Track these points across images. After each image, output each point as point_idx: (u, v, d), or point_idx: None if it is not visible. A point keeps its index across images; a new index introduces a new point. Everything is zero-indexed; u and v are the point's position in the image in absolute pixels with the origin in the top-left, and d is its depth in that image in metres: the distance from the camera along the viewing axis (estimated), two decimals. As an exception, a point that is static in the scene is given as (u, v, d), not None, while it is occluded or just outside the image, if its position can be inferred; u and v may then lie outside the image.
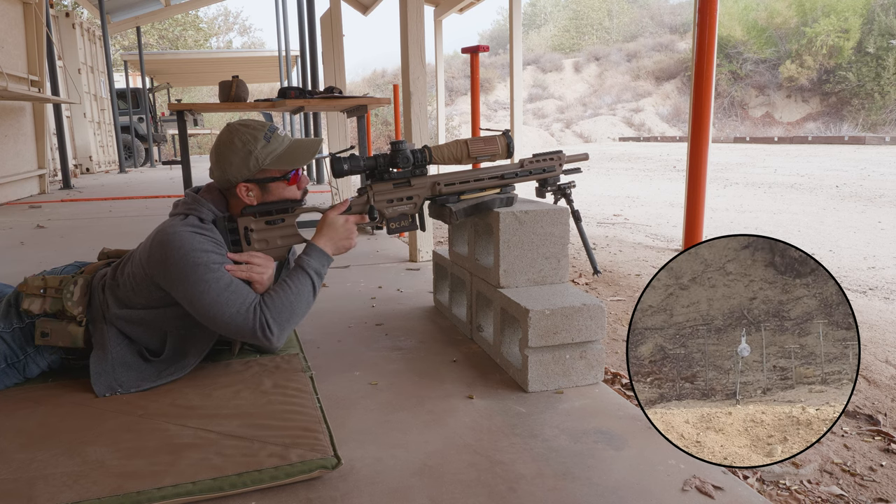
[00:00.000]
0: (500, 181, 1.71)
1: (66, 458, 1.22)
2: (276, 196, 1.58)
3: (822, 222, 5.18)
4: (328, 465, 1.18)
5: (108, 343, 1.54)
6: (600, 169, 11.59)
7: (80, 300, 1.56)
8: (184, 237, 1.46)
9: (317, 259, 1.55)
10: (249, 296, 1.48)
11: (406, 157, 1.61)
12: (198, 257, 1.45)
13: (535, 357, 1.54)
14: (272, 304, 1.47)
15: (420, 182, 1.66)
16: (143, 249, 1.54)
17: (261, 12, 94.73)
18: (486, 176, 1.71)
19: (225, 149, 1.53)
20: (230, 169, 1.53)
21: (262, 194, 1.57)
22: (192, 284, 1.44)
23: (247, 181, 1.54)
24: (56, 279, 1.59)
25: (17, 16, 6.84)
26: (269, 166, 1.54)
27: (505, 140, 1.69)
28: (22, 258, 3.48)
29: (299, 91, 3.72)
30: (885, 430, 1.63)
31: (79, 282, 1.58)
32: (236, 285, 1.47)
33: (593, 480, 1.17)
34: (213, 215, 1.56)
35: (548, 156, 1.72)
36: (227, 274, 1.48)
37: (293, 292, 1.50)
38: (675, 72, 27.40)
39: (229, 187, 1.57)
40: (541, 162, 1.71)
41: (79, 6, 15.45)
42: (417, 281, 2.76)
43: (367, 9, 9.04)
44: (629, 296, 2.91)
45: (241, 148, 1.52)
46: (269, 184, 1.56)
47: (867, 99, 21.46)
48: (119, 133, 11.69)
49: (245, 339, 1.49)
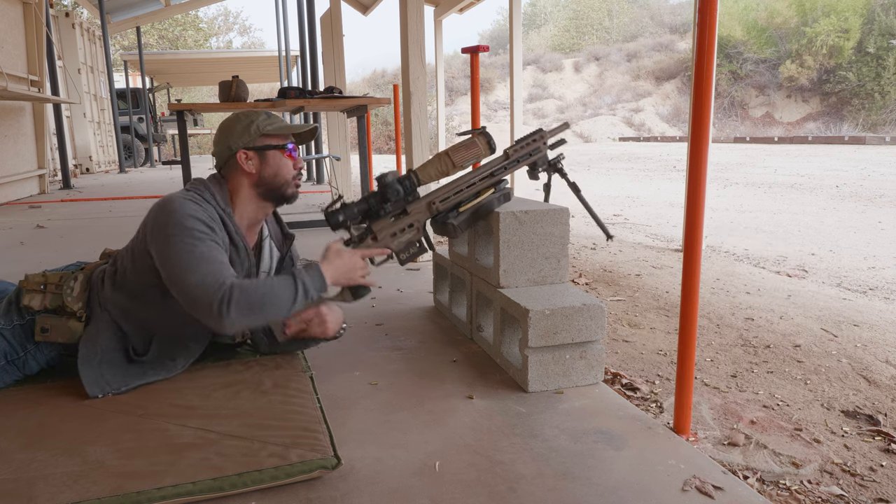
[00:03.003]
0: (492, 179, 1.69)
1: (66, 458, 1.22)
2: (274, 167, 1.57)
3: (822, 222, 5.18)
4: (328, 465, 1.18)
5: (100, 338, 1.54)
6: (600, 169, 11.58)
7: (80, 295, 1.57)
8: (180, 202, 1.48)
9: (312, 278, 1.49)
10: (224, 273, 1.43)
11: (395, 189, 1.61)
12: (186, 221, 1.45)
13: (535, 357, 1.54)
14: (242, 288, 1.40)
15: (416, 207, 1.64)
16: (144, 221, 1.55)
17: (261, 12, 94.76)
18: (476, 179, 1.69)
19: (229, 123, 1.60)
20: (232, 137, 1.57)
21: (261, 163, 1.57)
22: (171, 245, 1.43)
23: (247, 149, 1.56)
24: (56, 276, 1.60)
25: (17, 16, 6.84)
26: (269, 132, 1.58)
27: (484, 138, 1.67)
28: (22, 258, 3.47)
29: (299, 91, 3.72)
30: (885, 430, 1.63)
31: (79, 277, 1.59)
32: (213, 260, 1.43)
33: (593, 480, 1.17)
34: (213, 198, 1.55)
35: (529, 138, 1.70)
36: (210, 247, 1.45)
37: (269, 289, 1.43)
38: (675, 72, 27.41)
39: (230, 156, 1.57)
40: (524, 147, 1.70)
41: (79, 6, 15.45)
42: (417, 281, 2.76)
43: (367, 9, 9.03)
44: (629, 296, 2.91)
45: (243, 119, 1.58)
46: (267, 152, 1.57)
47: (867, 99, 21.46)
48: (119, 133, 11.68)
49: (200, 313, 1.41)
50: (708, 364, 2.08)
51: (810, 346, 2.22)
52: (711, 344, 2.26)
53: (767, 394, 1.85)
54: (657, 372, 2.01)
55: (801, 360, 2.10)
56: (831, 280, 3.32)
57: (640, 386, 1.88)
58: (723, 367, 2.05)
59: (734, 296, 2.90)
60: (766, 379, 1.95)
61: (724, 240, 4.49)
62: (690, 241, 1.35)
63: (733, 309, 2.68)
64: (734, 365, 2.07)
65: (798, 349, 2.20)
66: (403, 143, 3.50)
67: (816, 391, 1.87)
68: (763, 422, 1.66)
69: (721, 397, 1.82)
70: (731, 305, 2.73)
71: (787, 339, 2.31)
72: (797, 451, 1.52)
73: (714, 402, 1.78)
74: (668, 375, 1.98)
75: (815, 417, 1.71)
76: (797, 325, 2.46)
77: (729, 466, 1.42)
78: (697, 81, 1.30)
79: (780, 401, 1.80)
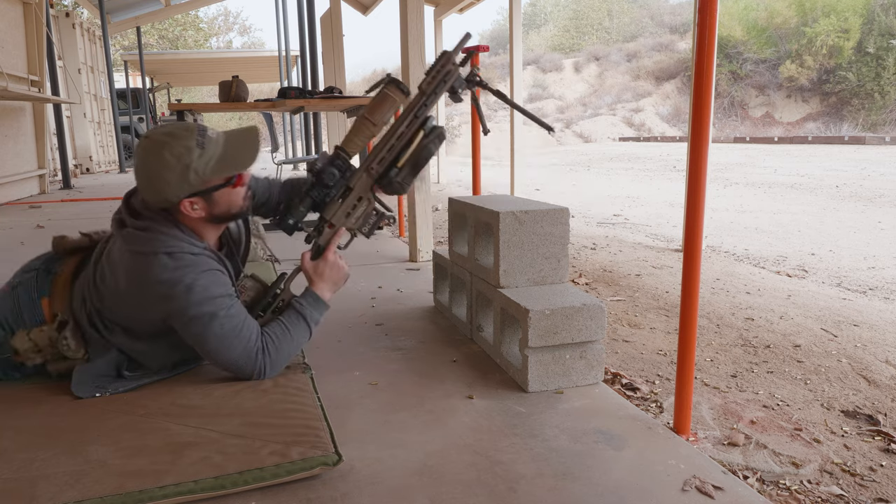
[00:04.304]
0: (417, 121, 1.59)
1: (67, 457, 1.22)
2: (224, 205, 1.47)
3: (822, 222, 5.18)
4: (329, 461, 1.18)
5: (93, 366, 1.52)
6: (600, 169, 11.59)
7: (78, 346, 1.51)
8: (193, 287, 1.40)
9: (316, 309, 1.61)
10: (252, 339, 1.48)
11: (330, 172, 1.58)
12: (205, 305, 1.41)
13: (535, 357, 1.55)
14: (273, 352, 1.52)
15: (357, 180, 1.61)
16: (132, 295, 1.44)
17: (261, 12, 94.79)
18: (402, 127, 1.59)
19: (156, 167, 1.38)
20: (168, 188, 1.39)
21: (209, 206, 1.45)
22: (203, 336, 1.44)
23: (189, 196, 1.42)
24: (43, 336, 1.52)
25: (17, 16, 6.84)
26: (211, 176, 1.41)
27: (394, 85, 1.59)
28: (22, 258, 3.47)
29: (299, 91, 3.72)
30: (885, 430, 1.63)
31: (67, 335, 1.50)
32: (244, 327, 1.47)
33: (593, 480, 1.18)
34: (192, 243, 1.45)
35: (437, 65, 1.60)
36: (234, 313, 1.45)
37: (292, 343, 1.56)
38: (675, 72, 27.39)
39: (169, 206, 1.44)
40: (435, 76, 1.60)
41: (79, 6, 15.45)
42: (417, 281, 2.76)
43: (367, 9, 9.04)
44: (629, 296, 2.91)
45: (175, 164, 1.37)
46: (213, 193, 1.44)
47: (867, 99, 21.45)
48: (119, 133, 11.68)
49: (241, 377, 1.54)
50: (708, 364, 2.08)
51: (810, 346, 2.23)
52: (711, 344, 2.27)
53: (767, 394, 1.85)
54: (657, 372, 2.01)
55: (801, 360, 2.10)
56: (831, 280, 3.32)
57: (640, 386, 1.88)
58: (723, 367, 2.05)
59: (734, 296, 2.90)
60: (766, 379, 1.96)
61: (724, 240, 4.49)
62: (690, 241, 1.35)
63: (733, 309, 2.68)
64: (734, 365, 2.07)
65: (798, 349, 2.20)
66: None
67: (816, 391, 1.87)
68: (763, 422, 1.67)
69: (721, 397, 1.82)
70: (731, 305, 2.74)
71: (787, 339, 2.31)
72: (797, 451, 1.52)
73: (714, 402, 1.78)
74: (668, 375, 1.98)
75: (815, 417, 1.71)
76: (797, 325, 2.46)
77: (729, 466, 1.43)
78: (697, 81, 1.30)
79: (780, 401, 1.80)
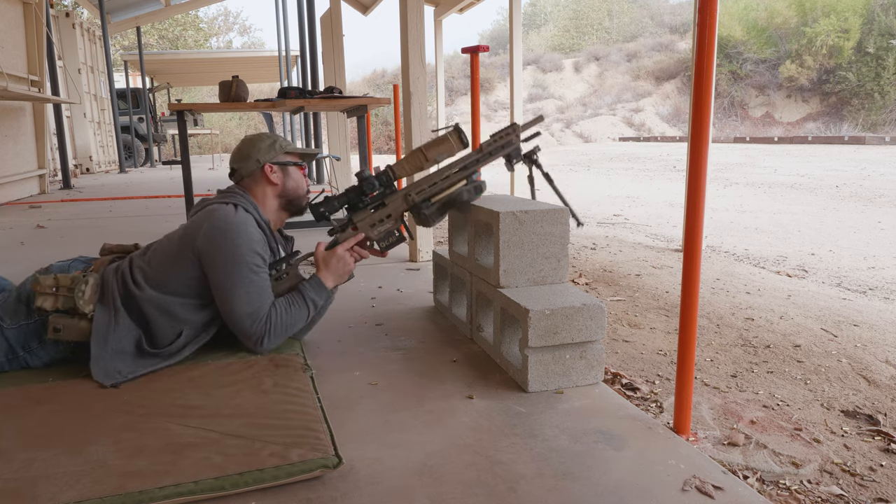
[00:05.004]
0: (465, 172, 1.78)
1: (67, 457, 1.22)
2: (293, 181, 1.82)
3: (822, 222, 5.18)
4: (329, 464, 1.18)
5: (111, 335, 1.59)
6: (600, 169, 11.59)
7: (91, 298, 1.61)
8: (238, 229, 1.64)
9: (317, 293, 1.75)
10: (265, 304, 1.67)
11: (371, 183, 1.76)
12: (247, 256, 1.64)
13: (535, 357, 1.55)
14: (277, 322, 1.68)
15: (393, 199, 1.79)
16: (192, 228, 1.67)
17: (261, 12, 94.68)
18: (451, 172, 1.78)
19: (251, 141, 1.82)
20: (259, 152, 1.79)
21: (284, 176, 1.81)
22: (229, 275, 1.63)
23: (272, 163, 1.79)
24: (67, 278, 1.64)
25: (17, 16, 6.84)
26: (290, 150, 1.84)
27: (456, 134, 1.77)
28: (22, 258, 3.48)
29: (299, 91, 3.73)
30: (885, 430, 1.63)
31: (90, 281, 1.63)
32: (263, 291, 1.66)
33: (593, 480, 1.18)
34: (255, 210, 1.74)
35: (503, 132, 1.79)
36: (262, 278, 1.66)
37: (294, 317, 1.71)
38: (675, 72, 27.39)
39: (255, 169, 1.78)
40: (498, 140, 1.79)
41: (79, 6, 15.45)
42: (417, 281, 2.76)
43: (367, 9, 9.04)
44: (629, 296, 2.91)
45: (266, 139, 1.82)
46: (289, 167, 1.82)
47: (867, 99, 21.45)
48: (119, 133, 11.69)
49: (241, 336, 1.69)
50: (708, 364, 2.08)
51: (810, 346, 2.23)
52: (711, 344, 2.27)
53: (767, 394, 1.85)
54: (657, 372, 2.01)
55: (801, 360, 2.10)
56: (831, 280, 3.32)
57: (640, 386, 1.88)
58: (723, 367, 2.05)
59: (734, 296, 2.90)
60: (766, 379, 1.96)
61: (724, 240, 4.49)
62: (690, 241, 1.35)
63: (733, 309, 2.68)
64: (734, 365, 2.07)
65: (798, 349, 2.20)
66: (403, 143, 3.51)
67: (816, 391, 1.87)
68: (763, 422, 1.67)
69: (721, 397, 1.82)
70: (731, 305, 2.74)
71: (787, 339, 2.31)
72: (797, 450, 1.52)
73: (714, 402, 1.78)
74: (668, 375, 1.98)
75: (815, 417, 1.71)
76: (797, 325, 2.46)
77: (729, 466, 1.43)
78: (697, 81, 1.30)
79: (780, 401, 1.80)
